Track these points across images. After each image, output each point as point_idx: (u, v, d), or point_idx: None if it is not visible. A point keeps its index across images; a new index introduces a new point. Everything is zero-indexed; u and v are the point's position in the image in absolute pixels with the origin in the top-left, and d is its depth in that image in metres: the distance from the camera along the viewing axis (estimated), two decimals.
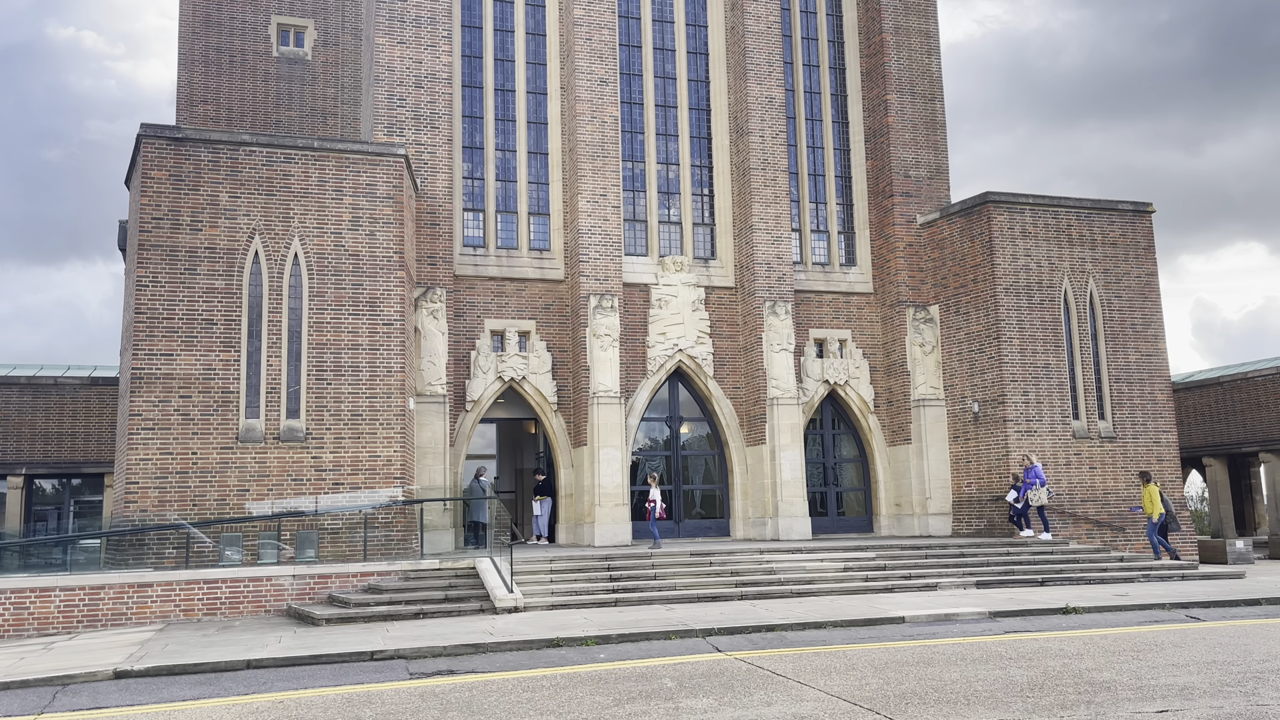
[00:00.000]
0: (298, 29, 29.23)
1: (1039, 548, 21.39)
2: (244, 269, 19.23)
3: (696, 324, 24.89)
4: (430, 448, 21.66)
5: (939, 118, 27.16)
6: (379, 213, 20.21)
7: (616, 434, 22.91)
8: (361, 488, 19.29)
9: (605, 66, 24.62)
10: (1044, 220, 24.79)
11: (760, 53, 25.82)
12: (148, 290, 18.65)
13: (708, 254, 25.99)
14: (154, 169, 19.06)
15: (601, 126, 24.32)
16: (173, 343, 18.62)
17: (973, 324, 24.76)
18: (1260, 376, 32.89)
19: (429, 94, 23.22)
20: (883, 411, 26.17)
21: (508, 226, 24.73)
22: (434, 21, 23.53)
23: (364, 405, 19.57)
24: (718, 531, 24.99)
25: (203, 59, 28.18)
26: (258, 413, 19.00)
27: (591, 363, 23.16)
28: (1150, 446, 24.64)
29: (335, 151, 20.20)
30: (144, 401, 18.33)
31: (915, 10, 27.49)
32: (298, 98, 28.87)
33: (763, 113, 25.58)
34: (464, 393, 22.98)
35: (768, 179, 25.34)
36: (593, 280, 23.55)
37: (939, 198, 26.57)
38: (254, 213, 19.44)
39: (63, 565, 17.85)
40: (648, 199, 25.70)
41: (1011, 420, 23.61)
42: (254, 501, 18.62)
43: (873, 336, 26.48)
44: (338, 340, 19.62)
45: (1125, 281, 25.20)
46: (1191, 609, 15.68)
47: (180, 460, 18.37)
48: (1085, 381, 24.46)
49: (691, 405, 25.39)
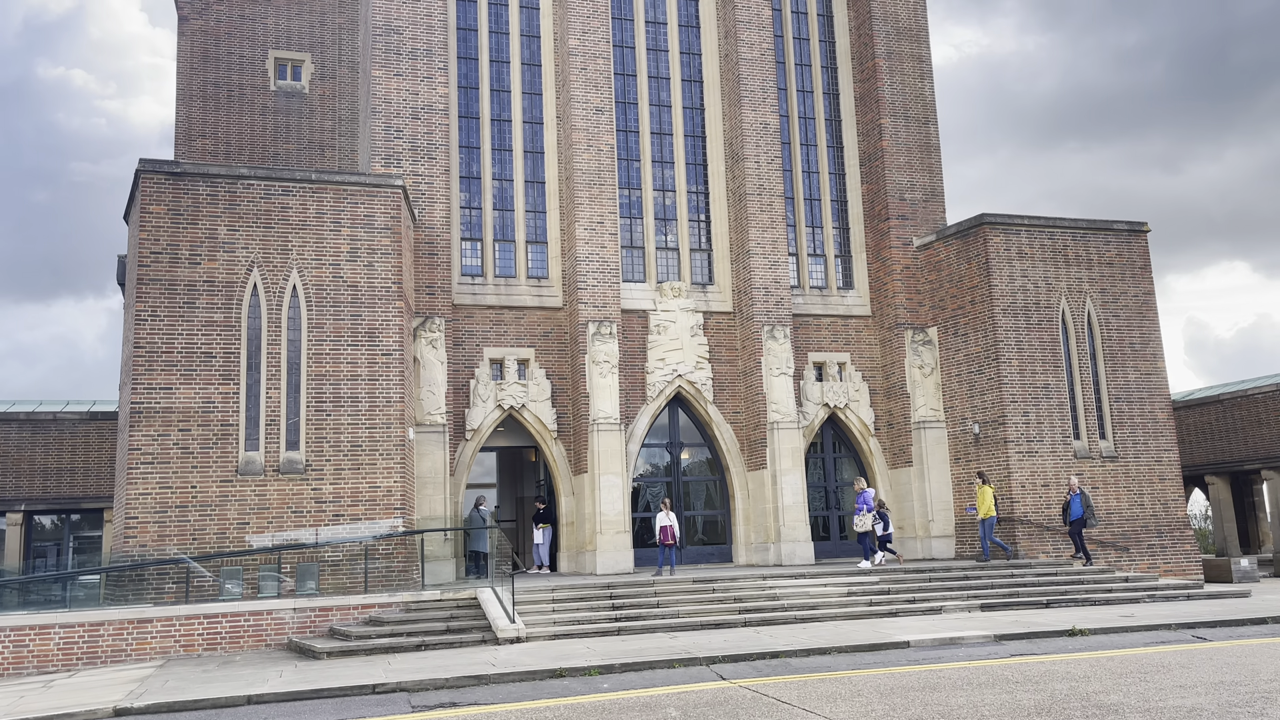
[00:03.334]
0: (295, 63, 29.45)
1: (1042, 569, 21.30)
2: (243, 302, 19.26)
3: (695, 349, 24.90)
4: (430, 477, 21.61)
5: (933, 141, 27.31)
6: (377, 243, 20.27)
7: (617, 461, 22.86)
8: (362, 519, 19.22)
9: (601, 95, 24.78)
10: (1040, 241, 24.87)
11: (754, 79, 26.01)
12: (147, 324, 18.67)
13: (705, 279, 26.05)
14: (153, 203, 19.14)
15: (598, 155, 24.45)
16: (172, 376, 18.62)
17: (971, 345, 24.78)
18: (1260, 394, 32.88)
19: (426, 125, 23.36)
20: (883, 434, 26.13)
21: (505, 255, 24.80)
22: (430, 54, 23.71)
23: (363, 436, 19.54)
24: (720, 557, 24.88)
25: (201, 94, 28.38)
26: (257, 445, 18.96)
27: (591, 390, 23.16)
28: (1152, 465, 24.59)
29: (333, 183, 20.29)
30: (143, 435, 18.30)
31: (907, 35, 27.72)
32: (295, 131, 29.04)
33: (758, 139, 25.73)
34: (463, 422, 22.95)
35: (764, 204, 25.45)
36: (591, 307, 23.59)
37: (935, 220, 26.67)
38: (252, 245, 19.50)
39: (62, 602, 17.76)
40: (645, 226, 25.80)
41: (1012, 441, 23.57)
42: (254, 534, 18.55)
43: (872, 359, 26.49)
44: (337, 371, 19.63)
45: (1122, 301, 25.25)
46: (1198, 629, 15.59)
47: (180, 494, 18.31)
48: (1085, 401, 24.45)
49: (692, 430, 25.36)
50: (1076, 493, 22.39)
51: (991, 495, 22.34)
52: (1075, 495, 22.38)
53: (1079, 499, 22.29)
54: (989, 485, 22.50)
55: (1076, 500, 22.31)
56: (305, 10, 29.78)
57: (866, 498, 22.24)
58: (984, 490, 22.36)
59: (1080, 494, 22.30)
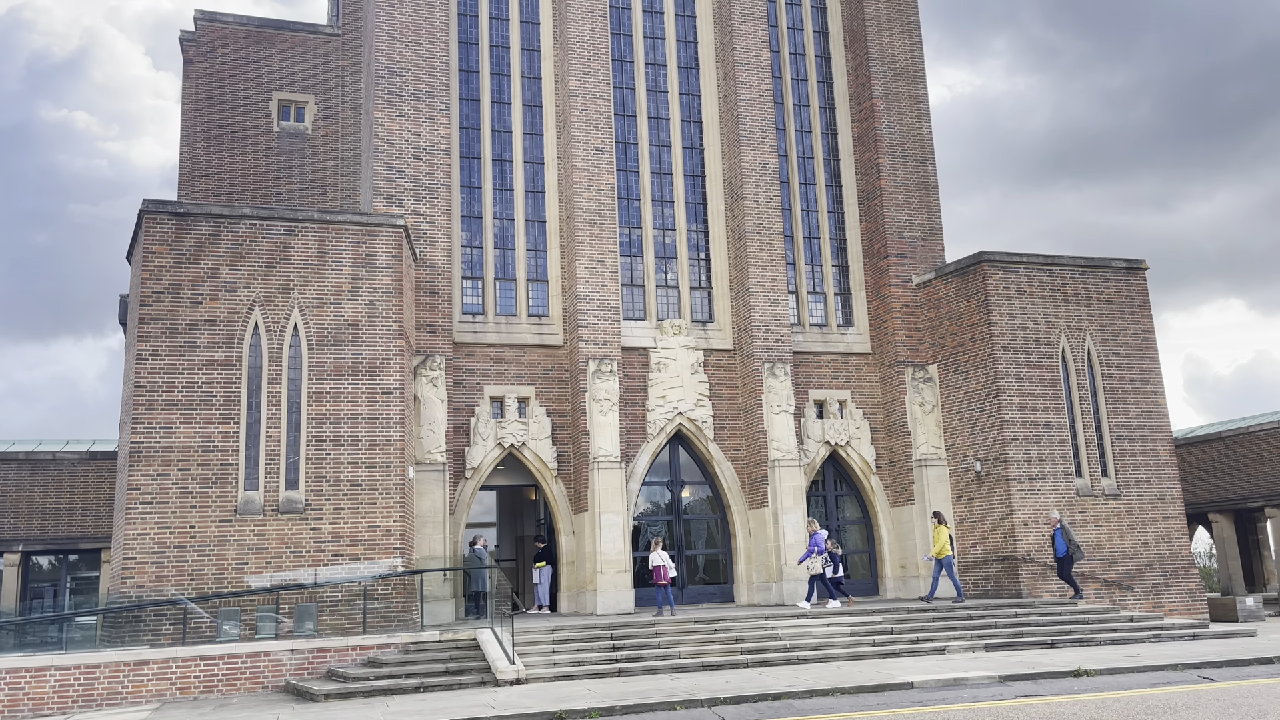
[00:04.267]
0: (298, 104, 29.76)
1: (1047, 608, 21.12)
2: (244, 341, 19.30)
3: (696, 387, 24.90)
4: (430, 517, 21.51)
5: (931, 180, 27.51)
6: (378, 282, 20.35)
7: (617, 499, 22.77)
8: (361, 558, 19.11)
9: (601, 136, 25.01)
10: (1039, 279, 24.96)
11: (753, 120, 26.26)
12: (148, 363, 18.70)
13: (705, 317, 26.11)
14: (155, 243, 19.25)
15: (598, 194, 24.63)
16: (172, 415, 18.61)
17: (972, 383, 24.78)
18: (1262, 431, 32.81)
19: (428, 165, 23.55)
20: (885, 472, 26.05)
21: (506, 293, 24.89)
22: (432, 95, 23.96)
23: (363, 475, 19.49)
24: (721, 597, 24.69)
25: (204, 135, 28.64)
26: (256, 484, 18.91)
27: (591, 427, 23.12)
28: (1155, 503, 24.49)
29: (335, 223, 20.41)
30: (142, 475, 18.25)
31: (904, 76, 28.02)
32: (298, 171, 29.27)
33: (757, 178, 25.93)
34: (463, 460, 22.89)
35: (763, 242, 25.58)
36: (591, 345, 23.62)
37: (933, 258, 26.78)
38: (254, 285, 19.58)
39: (59, 643, 17.59)
40: (645, 264, 25.91)
41: (1014, 479, 23.49)
42: (253, 574, 18.44)
43: (872, 397, 26.47)
44: (337, 410, 19.61)
45: (1122, 338, 25.28)
46: (1204, 669, 15.44)
47: (178, 534, 18.22)
48: (1087, 439, 24.39)
49: (692, 468, 25.28)
50: (1058, 527, 22.17)
51: (947, 535, 22.15)
52: (1057, 530, 22.17)
53: (1060, 533, 22.06)
54: (944, 525, 22.34)
55: (1059, 535, 22.09)
56: (309, 53, 30.15)
57: (818, 540, 21.91)
58: (939, 530, 22.19)
59: (1062, 527, 22.07)
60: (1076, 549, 21.80)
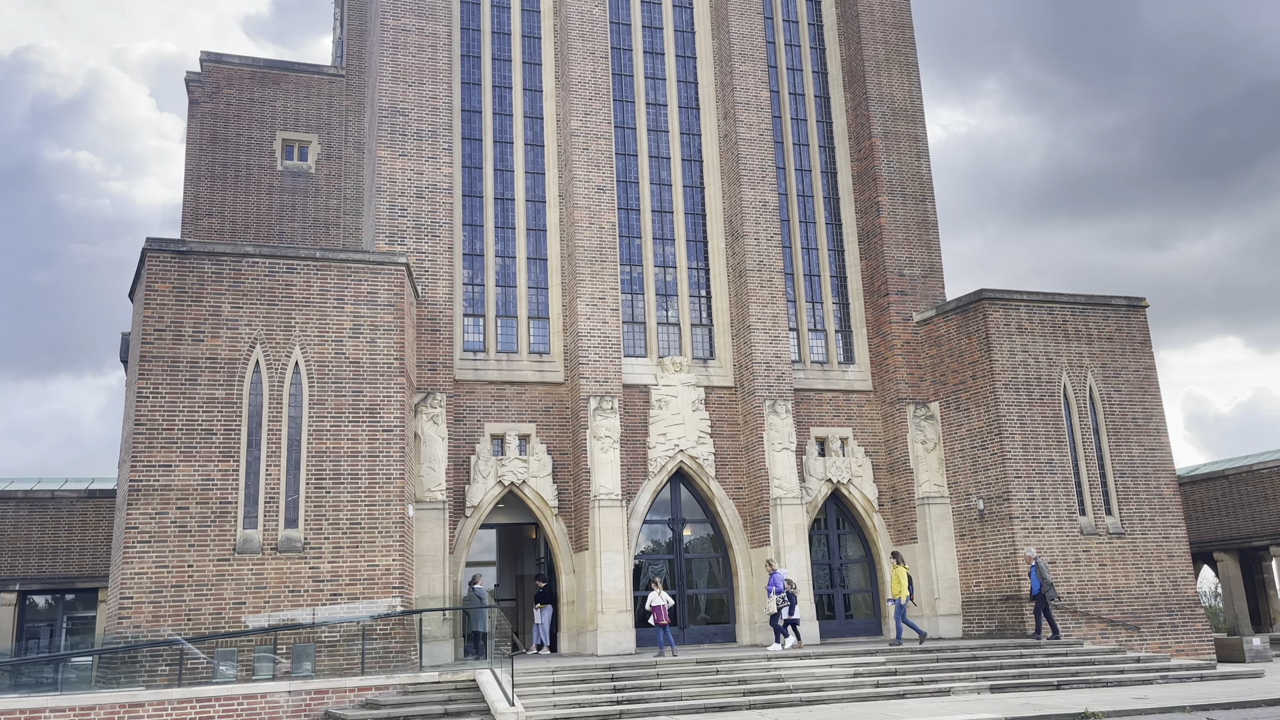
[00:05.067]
0: (302, 144, 30.00)
1: (1054, 649, 20.90)
2: (245, 378, 19.29)
3: (697, 424, 24.84)
4: (429, 555, 21.36)
5: (930, 218, 27.64)
6: (380, 320, 20.38)
7: (618, 537, 22.63)
8: (360, 598, 18.95)
9: (602, 175, 25.17)
10: (1039, 316, 24.98)
11: (753, 159, 26.44)
12: (148, 401, 18.67)
13: (706, 354, 26.12)
14: (158, 281, 19.29)
15: (599, 232, 24.74)
16: (171, 454, 18.55)
17: (974, 420, 24.71)
18: (1265, 469, 32.68)
19: (430, 204, 23.69)
20: (887, 510, 25.90)
21: (507, 330, 24.92)
22: (435, 135, 24.15)
23: (363, 514, 19.38)
24: (723, 637, 24.45)
25: (209, 174, 28.84)
26: (255, 523, 18.80)
27: (592, 465, 23.03)
28: (1159, 542, 24.32)
29: (337, 261, 20.48)
30: (140, 514, 18.15)
31: (903, 116, 28.26)
32: (301, 209, 29.44)
33: (757, 216, 26.05)
34: (463, 498, 22.78)
35: (764, 280, 25.64)
36: (592, 382, 23.60)
37: (934, 295, 26.84)
38: (255, 322, 19.60)
39: (54, 684, 17.40)
40: (646, 301, 25.97)
41: (1017, 517, 23.35)
42: (250, 614, 18.27)
43: (874, 434, 26.39)
44: (337, 448, 19.55)
45: (1124, 376, 25.25)
46: (1212, 711, 15.24)
47: (176, 573, 18.09)
48: (1090, 477, 24.28)
49: (694, 506, 25.15)
50: (1033, 565, 21.97)
51: (906, 576, 21.87)
52: (1032, 568, 21.96)
53: (1035, 571, 21.84)
54: (903, 566, 22.08)
55: (1033, 572, 21.87)
56: (313, 93, 30.45)
57: (776, 580, 21.65)
58: (898, 571, 21.92)
59: (1036, 565, 21.83)
60: (1050, 588, 21.57)
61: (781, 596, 21.51)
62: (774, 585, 21.65)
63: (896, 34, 28.90)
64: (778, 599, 21.47)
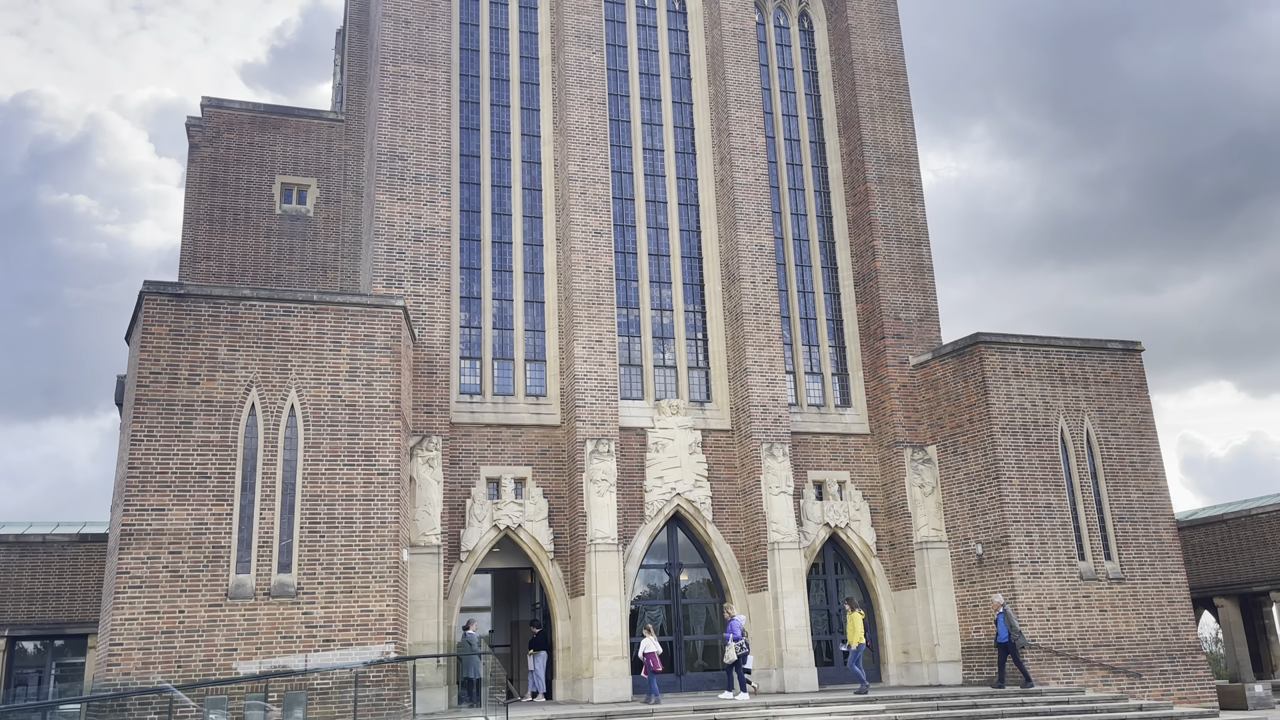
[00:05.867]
0: (301, 187, 30.18)
1: (1054, 696, 20.66)
2: (240, 421, 19.21)
3: (694, 467, 24.73)
4: (423, 601, 21.14)
5: (925, 262, 27.78)
6: (376, 363, 20.36)
7: (615, 583, 22.42)
8: (353, 644, 18.71)
9: (600, 219, 25.31)
10: (1035, 360, 25.02)
11: (749, 203, 26.63)
12: (142, 444, 18.57)
13: (703, 397, 26.09)
14: (155, 324, 19.28)
15: (596, 275, 24.82)
16: (165, 497, 18.41)
17: (971, 464, 24.64)
18: (1263, 513, 32.57)
19: (428, 247, 23.78)
20: (885, 555, 25.73)
21: (504, 373, 24.90)
22: (433, 179, 24.32)
23: (357, 558, 19.21)
24: (721, 684, 24.10)
25: (207, 217, 28.96)
26: (248, 567, 18.61)
27: (589, 508, 22.89)
28: (1160, 587, 24.14)
29: (334, 304, 20.50)
30: (132, 559, 17.96)
31: (898, 161, 28.52)
32: (299, 252, 29.53)
33: (753, 260, 26.18)
34: (458, 542, 22.60)
35: (760, 323, 25.70)
36: (589, 425, 23.53)
37: (930, 339, 26.89)
38: (252, 365, 19.57)
39: None
40: (643, 344, 25.99)
41: (1016, 562, 23.19)
42: (242, 661, 18.02)
43: (872, 478, 26.30)
44: (332, 492, 19.43)
45: (1121, 419, 25.24)
46: None
47: (167, 619, 17.86)
48: (1088, 521, 24.17)
49: (691, 551, 24.96)
50: (1001, 611, 21.76)
51: (860, 622, 21.50)
52: (1000, 614, 21.74)
53: (1003, 618, 21.61)
54: (858, 612, 21.72)
55: (1001, 619, 21.65)
56: (313, 137, 30.69)
57: (735, 627, 21.29)
58: (853, 617, 21.58)
59: (1004, 612, 21.63)
60: (1019, 635, 21.36)
61: (740, 643, 21.15)
62: (732, 632, 21.30)
63: (890, 80, 29.26)
64: (735, 646, 21.11)
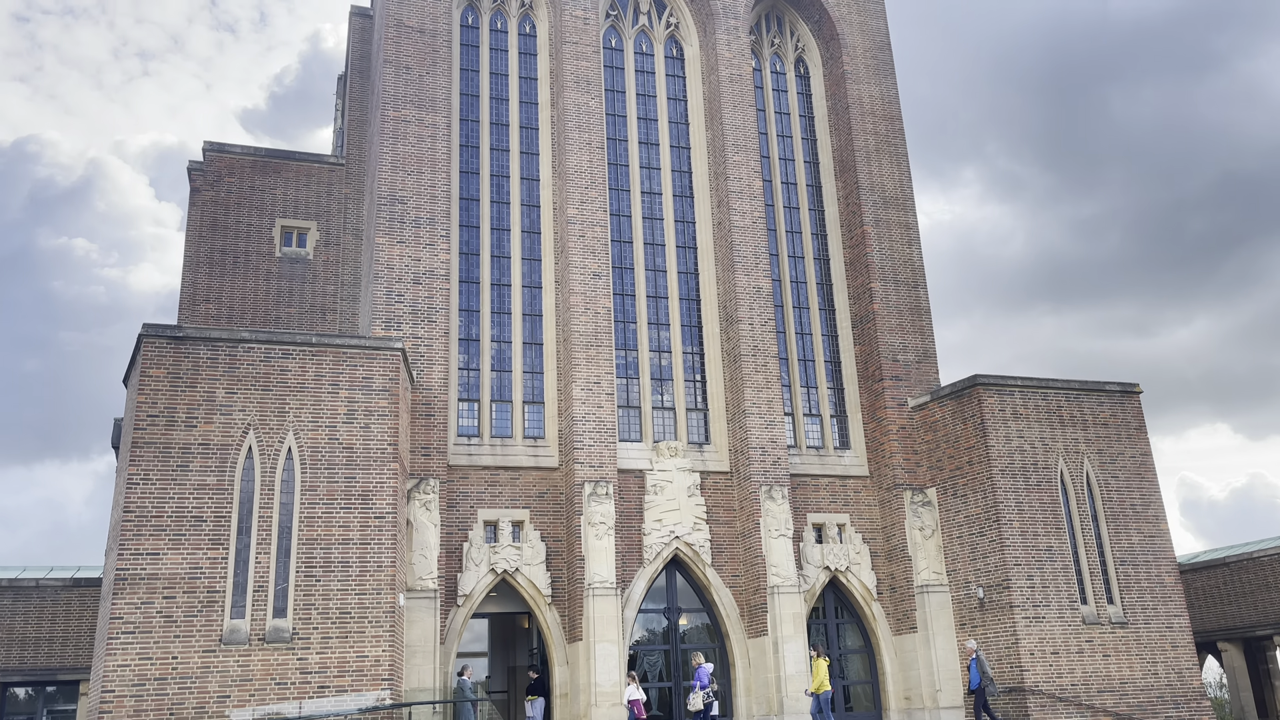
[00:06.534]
0: (300, 230, 30.34)
1: None
2: (237, 465, 19.12)
3: (693, 510, 24.60)
4: (420, 646, 20.91)
5: (923, 304, 27.87)
6: (374, 405, 20.31)
7: (613, 628, 22.20)
8: (348, 690, 18.47)
9: (598, 261, 25.42)
10: (1034, 402, 25.00)
11: (746, 246, 26.76)
12: (138, 488, 18.46)
13: (702, 439, 26.01)
14: (153, 367, 19.26)
15: (595, 318, 24.87)
16: (160, 541, 18.26)
17: (971, 507, 24.52)
18: (1265, 556, 32.36)
19: (427, 290, 23.84)
20: (886, 599, 25.51)
21: (502, 415, 24.84)
22: (433, 222, 24.45)
23: (353, 603, 19.01)
24: None
25: (207, 260, 29.08)
26: (243, 612, 18.41)
27: (586, 552, 22.72)
28: (1163, 632, 23.91)
29: (332, 346, 20.50)
30: (125, 604, 17.78)
31: (894, 204, 28.73)
32: (298, 295, 29.61)
33: (751, 302, 26.25)
34: (455, 587, 22.40)
35: (758, 365, 25.71)
36: (587, 467, 23.44)
37: (928, 380, 26.90)
38: (249, 408, 19.52)
39: None
40: (641, 386, 25.98)
41: (1018, 606, 22.99)
42: (235, 708, 17.77)
43: (871, 520, 26.15)
44: (328, 535, 19.28)
45: (1120, 462, 25.16)
46: None
47: (160, 666, 17.64)
48: (1090, 564, 24.00)
49: (690, 595, 24.74)
50: (974, 658, 21.50)
51: (825, 669, 20.78)
52: (973, 661, 21.49)
53: (975, 664, 21.34)
54: (824, 658, 21.05)
55: (973, 666, 21.39)
56: (313, 181, 30.91)
57: (702, 675, 20.88)
58: (818, 663, 20.91)
59: (977, 659, 21.37)
60: (990, 682, 21.05)
61: (707, 692, 20.78)
62: (699, 681, 20.87)
63: (886, 125, 29.56)
64: (703, 695, 20.68)
